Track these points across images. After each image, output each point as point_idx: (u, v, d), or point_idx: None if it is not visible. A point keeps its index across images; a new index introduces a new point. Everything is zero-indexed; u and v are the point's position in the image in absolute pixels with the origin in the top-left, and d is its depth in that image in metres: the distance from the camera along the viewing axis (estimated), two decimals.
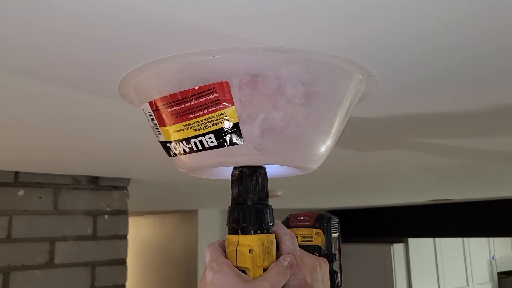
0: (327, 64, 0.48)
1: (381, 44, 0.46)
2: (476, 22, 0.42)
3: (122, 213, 1.60)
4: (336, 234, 0.64)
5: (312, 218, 0.64)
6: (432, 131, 0.91)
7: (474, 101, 0.69)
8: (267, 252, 0.51)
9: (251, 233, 0.50)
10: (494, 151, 1.15)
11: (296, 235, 0.63)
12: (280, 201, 2.68)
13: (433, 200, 3.23)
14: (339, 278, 0.63)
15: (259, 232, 0.51)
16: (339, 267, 0.64)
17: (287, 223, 0.66)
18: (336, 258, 0.63)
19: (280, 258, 0.51)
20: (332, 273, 0.61)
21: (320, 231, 0.63)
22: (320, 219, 0.63)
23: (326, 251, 0.62)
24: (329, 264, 0.60)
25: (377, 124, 0.84)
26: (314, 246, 0.62)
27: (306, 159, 0.53)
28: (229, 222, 0.52)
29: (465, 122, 0.82)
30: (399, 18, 0.40)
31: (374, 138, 0.99)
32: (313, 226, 0.63)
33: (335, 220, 0.64)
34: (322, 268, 0.56)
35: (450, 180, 1.90)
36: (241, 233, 0.51)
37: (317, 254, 0.60)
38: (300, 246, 0.56)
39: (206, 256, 0.50)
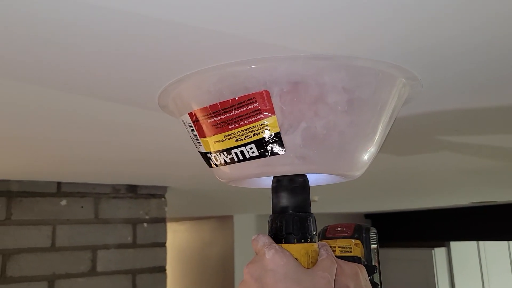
0: (370, 70, 0.47)
1: (425, 44, 0.44)
2: None
3: (160, 221, 1.62)
4: (375, 246, 0.63)
5: (350, 228, 0.63)
6: (476, 131, 0.88)
7: None
8: (312, 262, 0.50)
9: (294, 242, 0.49)
10: None
11: (334, 247, 0.62)
12: (316, 206, 2.65)
13: (475, 203, 3.12)
14: None
15: (303, 241, 0.50)
16: (379, 279, 0.62)
17: (324, 234, 0.64)
18: (376, 270, 0.61)
19: (321, 252, 0.50)
20: (374, 286, 0.59)
21: (359, 242, 0.61)
22: (358, 230, 0.62)
23: (366, 263, 0.60)
24: (370, 276, 0.58)
25: (420, 126, 0.81)
26: (353, 257, 0.60)
27: (349, 167, 0.52)
28: (271, 231, 0.51)
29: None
30: (444, 14, 0.38)
31: (416, 140, 0.96)
32: (351, 237, 0.62)
33: (373, 231, 0.63)
34: (363, 274, 0.55)
35: (493, 182, 1.82)
36: (284, 242, 0.50)
37: None
38: (339, 257, 0.55)
39: (259, 240, 0.49)
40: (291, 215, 0.50)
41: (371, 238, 0.62)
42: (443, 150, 1.07)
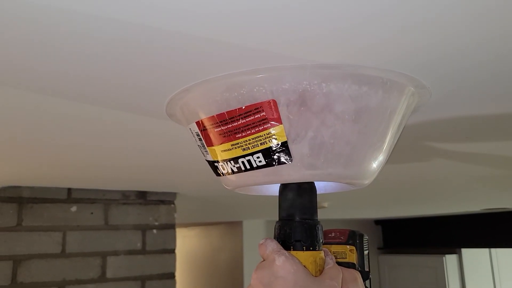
0: (378, 79, 0.47)
1: (435, 54, 0.44)
2: None
3: (169, 227, 1.62)
4: (367, 252, 0.64)
5: (344, 234, 0.63)
6: (488, 138, 0.87)
7: None
8: (319, 270, 0.50)
9: (303, 250, 0.49)
10: None
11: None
12: (326, 212, 2.64)
13: (487, 209, 3.08)
14: None
15: (311, 248, 0.50)
16: (370, 285, 0.62)
17: None
18: (370, 276, 0.62)
19: (327, 259, 0.51)
20: None
21: (353, 248, 0.62)
22: (352, 236, 0.63)
23: (359, 269, 0.61)
24: (363, 281, 0.59)
25: (429, 133, 0.81)
26: (348, 263, 0.61)
27: (357, 176, 0.51)
28: (278, 238, 0.51)
29: None
30: (457, 26, 0.38)
31: (424, 148, 0.95)
32: (346, 243, 0.62)
33: (365, 237, 0.64)
34: (360, 280, 0.55)
35: (505, 189, 1.80)
36: (293, 250, 0.49)
37: None
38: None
39: (267, 245, 0.49)
40: (301, 222, 0.50)
41: (364, 244, 0.63)
42: (453, 157, 1.06)
